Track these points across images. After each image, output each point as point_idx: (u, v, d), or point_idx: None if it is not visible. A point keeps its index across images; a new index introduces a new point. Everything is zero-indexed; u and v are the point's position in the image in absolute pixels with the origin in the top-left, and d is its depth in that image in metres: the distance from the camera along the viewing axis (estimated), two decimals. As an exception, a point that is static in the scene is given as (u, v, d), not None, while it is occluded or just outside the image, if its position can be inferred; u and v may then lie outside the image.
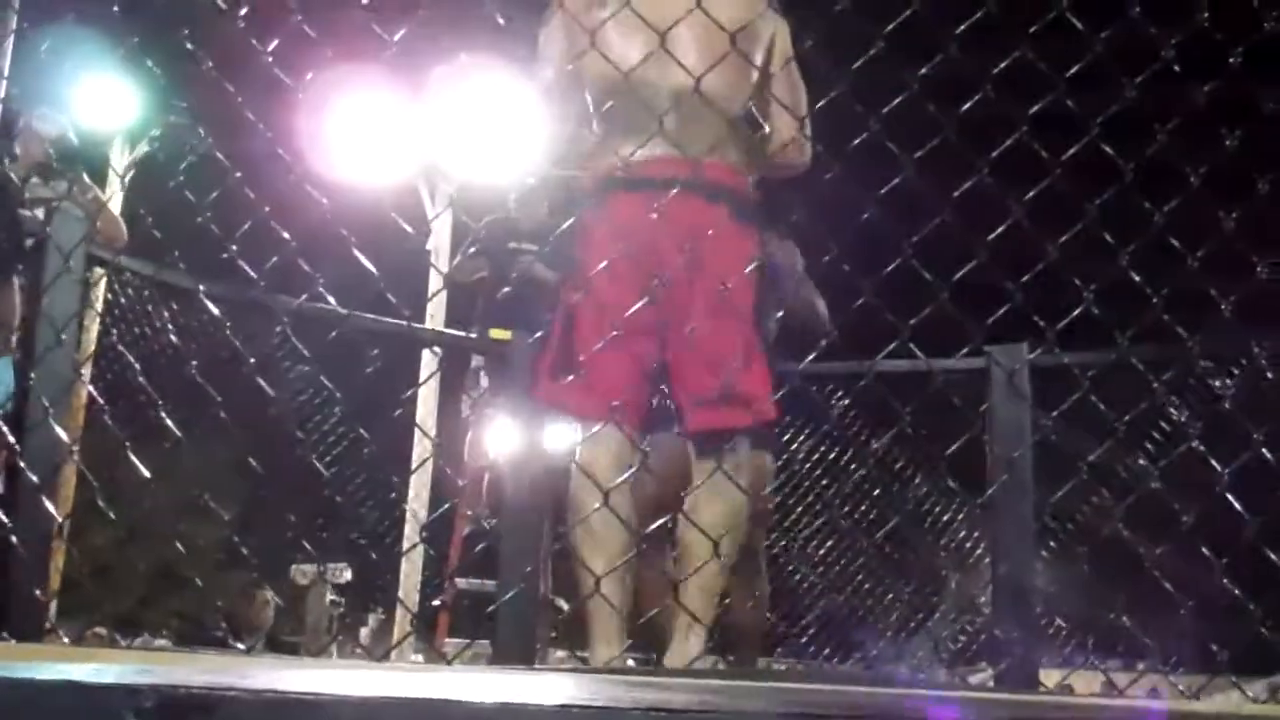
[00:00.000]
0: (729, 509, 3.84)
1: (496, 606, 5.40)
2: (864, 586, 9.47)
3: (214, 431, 4.22)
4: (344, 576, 10.00)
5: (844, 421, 7.98)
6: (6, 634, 3.61)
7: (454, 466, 8.23)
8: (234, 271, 3.51)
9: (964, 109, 3.12)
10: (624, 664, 3.87)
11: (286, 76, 3.38)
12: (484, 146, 10.19)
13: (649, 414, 4.02)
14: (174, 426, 3.88)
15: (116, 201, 9.61)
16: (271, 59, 3.30)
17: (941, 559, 9.75)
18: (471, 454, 8.14)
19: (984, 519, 7.39)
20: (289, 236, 3.32)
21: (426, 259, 11.60)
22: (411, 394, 9.92)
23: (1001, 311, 3.21)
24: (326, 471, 7.41)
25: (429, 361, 8.36)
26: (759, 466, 5.00)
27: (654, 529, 4.32)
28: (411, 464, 10.47)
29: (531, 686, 1.47)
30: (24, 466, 4.00)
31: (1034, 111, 3.10)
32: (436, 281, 10.89)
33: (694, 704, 1.30)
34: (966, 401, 4.98)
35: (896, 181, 3.11)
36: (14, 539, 3.95)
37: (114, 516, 5.19)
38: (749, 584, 5.54)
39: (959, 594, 9.96)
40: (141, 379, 5.25)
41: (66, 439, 4.33)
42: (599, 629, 3.77)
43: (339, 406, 7.95)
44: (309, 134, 8.59)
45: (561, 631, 7.14)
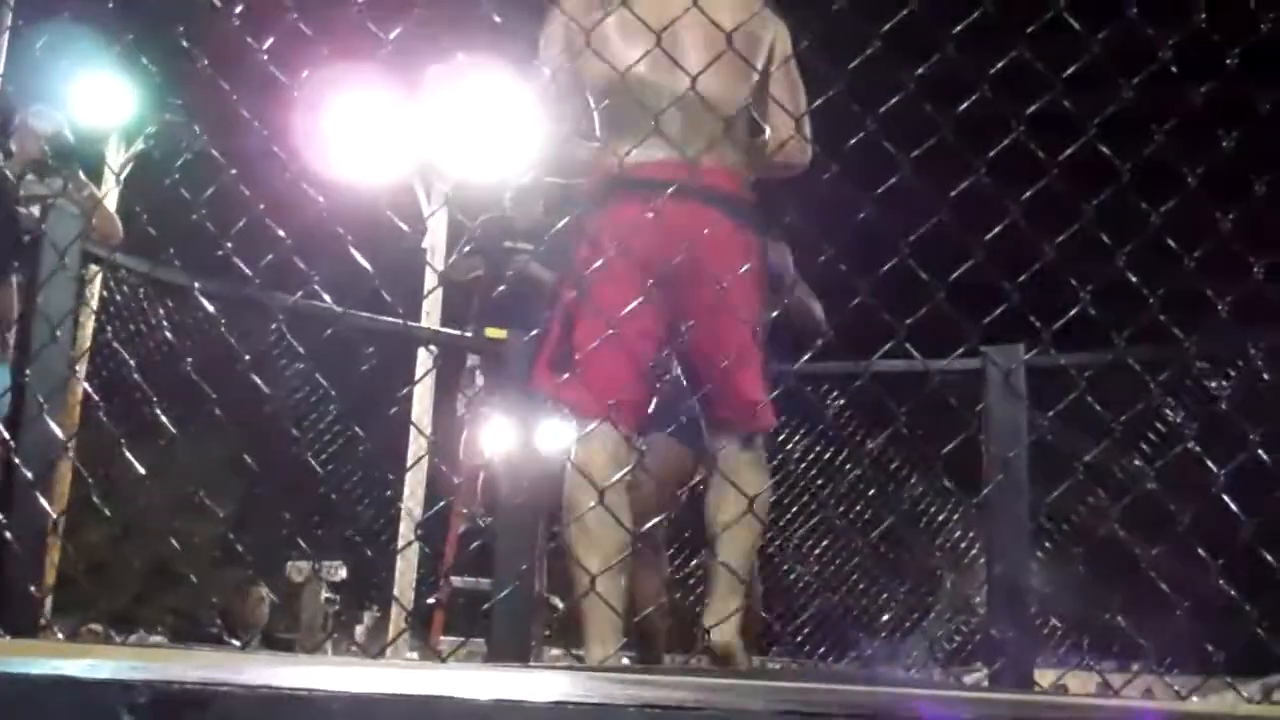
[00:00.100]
0: (758, 507, 3.89)
1: (491, 605, 5.41)
2: (859, 586, 9.47)
3: (209, 429, 4.22)
4: (339, 574, 10.00)
5: (840, 421, 7.98)
6: (1, 630, 3.61)
7: (449, 465, 8.23)
8: (229, 269, 3.51)
9: (961, 109, 3.12)
10: (619, 663, 3.86)
11: (282, 74, 3.37)
12: (480, 145, 10.20)
13: (646, 415, 4.02)
14: (169, 424, 3.88)
15: (112, 199, 9.60)
16: (267, 57, 3.30)
17: (937, 559, 9.75)
18: (467, 452, 8.15)
19: (979, 519, 7.38)
20: (284, 234, 3.32)
21: (422, 257, 11.60)
22: (407, 392, 9.91)
23: (998, 312, 3.21)
24: (322, 469, 7.40)
25: (424, 360, 8.36)
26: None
27: (649, 529, 4.32)
28: (407, 462, 10.47)
29: (526, 683, 1.47)
30: (19, 463, 4.00)
31: (1031, 112, 3.10)
32: (432, 280, 10.89)
33: (689, 701, 1.29)
34: (963, 402, 4.98)
35: (893, 181, 3.10)
36: (9, 535, 3.95)
37: (109, 513, 5.19)
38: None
39: (954, 594, 9.97)
40: (137, 376, 5.24)
41: (62, 435, 4.32)
42: (595, 628, 3.76)
43: (334, 404, 7.95)
44: (305, 132, 8.59)
45: (556, 630, 7.14)
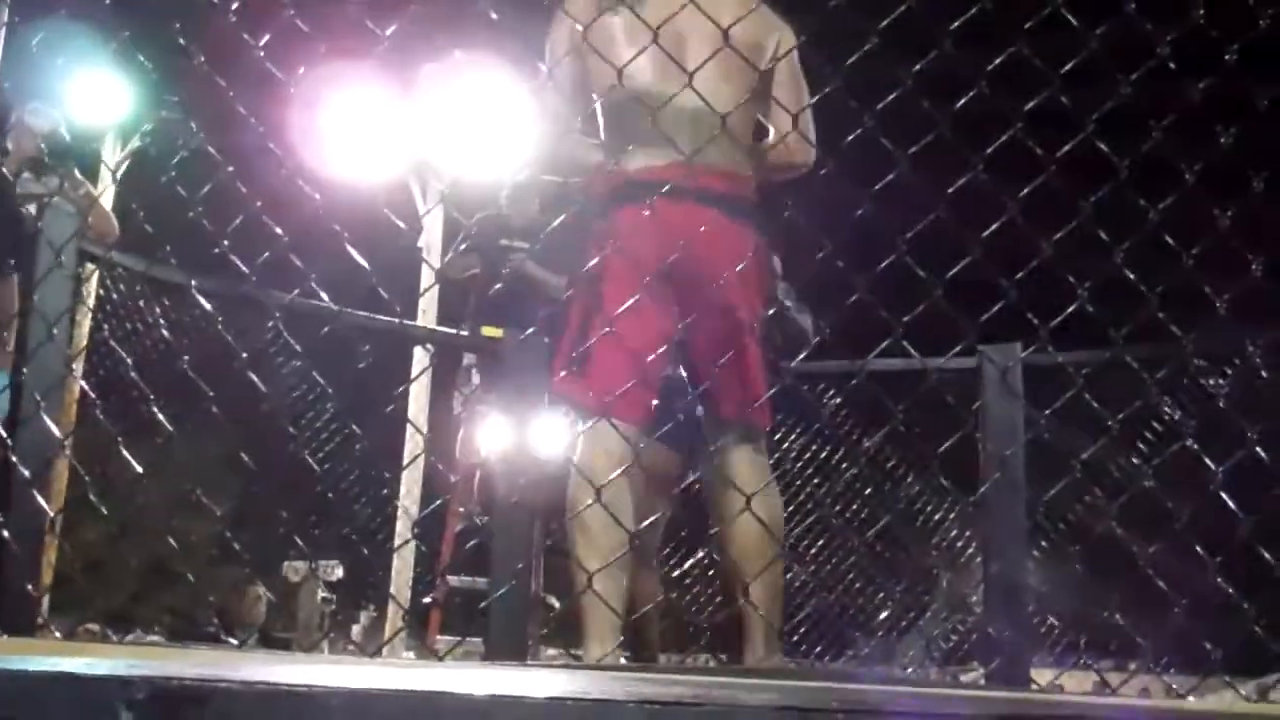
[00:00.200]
0: (772, 510, 3.94)
1: (488, 603, 5.40)
2: (856, 585, 9.47)
3: (206, 427, 4.22)
4: (336, 573, 9.98)
5: (836, 420, 7.98)
6: (-2, 629, 3.61)
7: (446, 464, 8.24)
8: (226, 267, 3.50)
9: (958, 105, 3.11)
10: (617, 661, 3.86)
11: (278, 72, 3.37)
12: (476, 143, 10.19)
13: (652, 419, 4.02)
14: (166, 422, 3.88)
15: (108, 197, 9.59)
16: (263, 54, 3.29)
17: (933, 558, 9.76)
18: (463, 451, 8.15)
19: (976, 518, 7.39)
20: (281, 232, 3.31)
21: (418, 255, 11.59)
22: (403, 391, 9.90)
23: (995, 310, 3.21)
24: (319, 468, 7.39)
25: (421, 358, 8.35)
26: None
27: (643, 530, 4.32)
28: (403, 461, 10.47)
29: (524, 680, 1.47)
30: (16, 461, 4.00)
31: (1029, 108, 3.10)
32: (428, 278, 10.89)
33: (687, 697, 1.29)
34: (959, 400, 4.98)
35: (890, 178, 3.10)
36: (6, 534, 3.94)
37: (106, 512, 5.19)
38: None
39: (951, 593, 9.97)
40: (133, 374, 5.24)
41: (58, 434, 4.32)
42: (593, 626, 3.76)
43: (331, 403, 7.95)
44: (301, 129, 8.59)
45: (553, 629, 7.14)
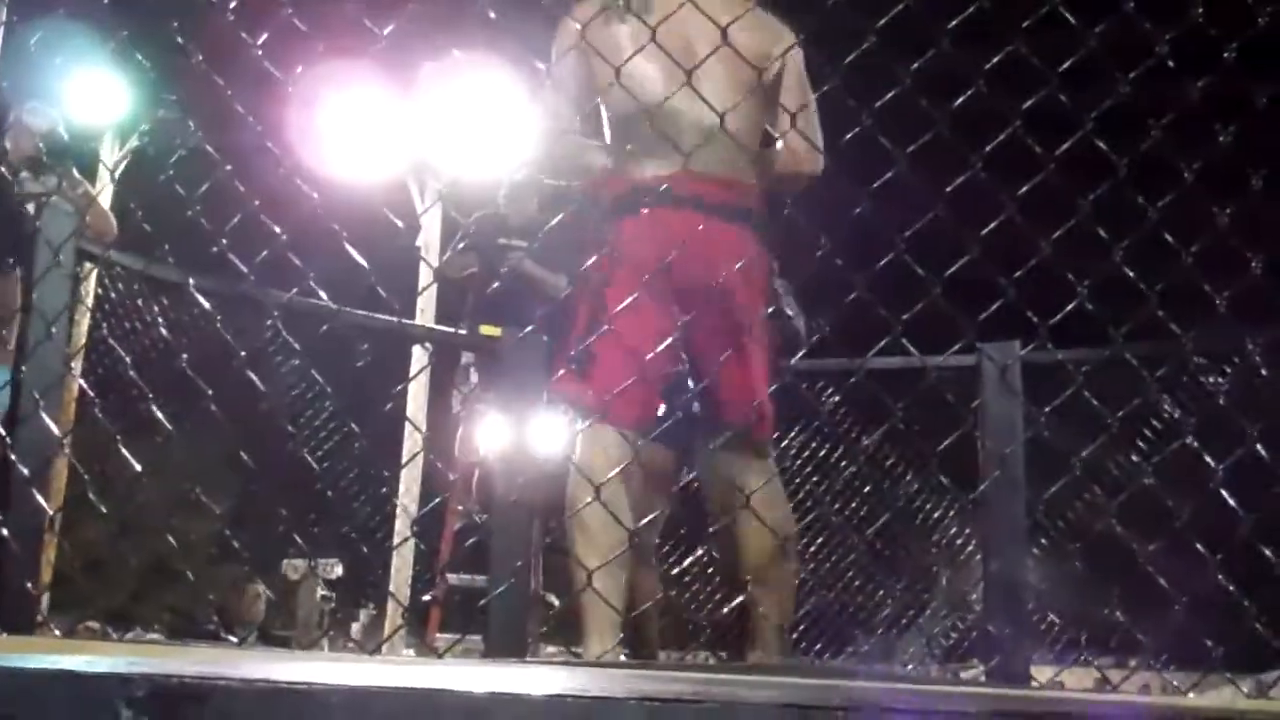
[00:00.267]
0: (781, 514, 3.98)
1: (487, 601, 5.40)
2: (855, 583, 9.46)
3: (205, 426, 4.21)
4: (335, 571, 9.98)
5: (835, 418, 7.98)
6: (-2, 628, 3.61)
7: (444, 462, 8.24)
8: (225, 266, 3.50)
9: (957, 104, 3.11)
10: (617, 658, 3.86)
11: (277, 71, 3.37)
12: (474, 142, 10.19)
13: (652, 421, 4.03)
14: (165, 421, 3.88)
15: (107, 196, 9.59)
16: (261, 53, 3.29)
17: (933, 556, 9.75)
18: (462, 449, 8.15)
19: (976, 516, 7.39)
20: (279, 231, 3.31)
21: (416, 254, 11.59)
22: (402, 389, 9.90)
23: (994, 308, 3.21)
24: (318, 466, 7.39)
25: (419, 357, 8.35)
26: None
27: (645, 526, 4.33)
28: (402, 459, 10.47)
29: (524, 677, 1.47)
30: (15, 460, 4.00)
31: (1027, 107, 3.10)
32: (426, 277, 10.89)
33: (687, 694, 1.29)
34: (959, 398, 4.98)
35: (889, 176, 3.10)
36: (5, 532, 3.94)
37: (105, 510, 5.18)
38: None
39: (950, 591, 9.96)
40: (132, 373, 5.24)
41: (58, 432, 4.32)
42: (593, 624, 3.76)
43: (330, 401, 7.95)
44: (299, 128, 8.58)
45: (553, 626, 7.13)
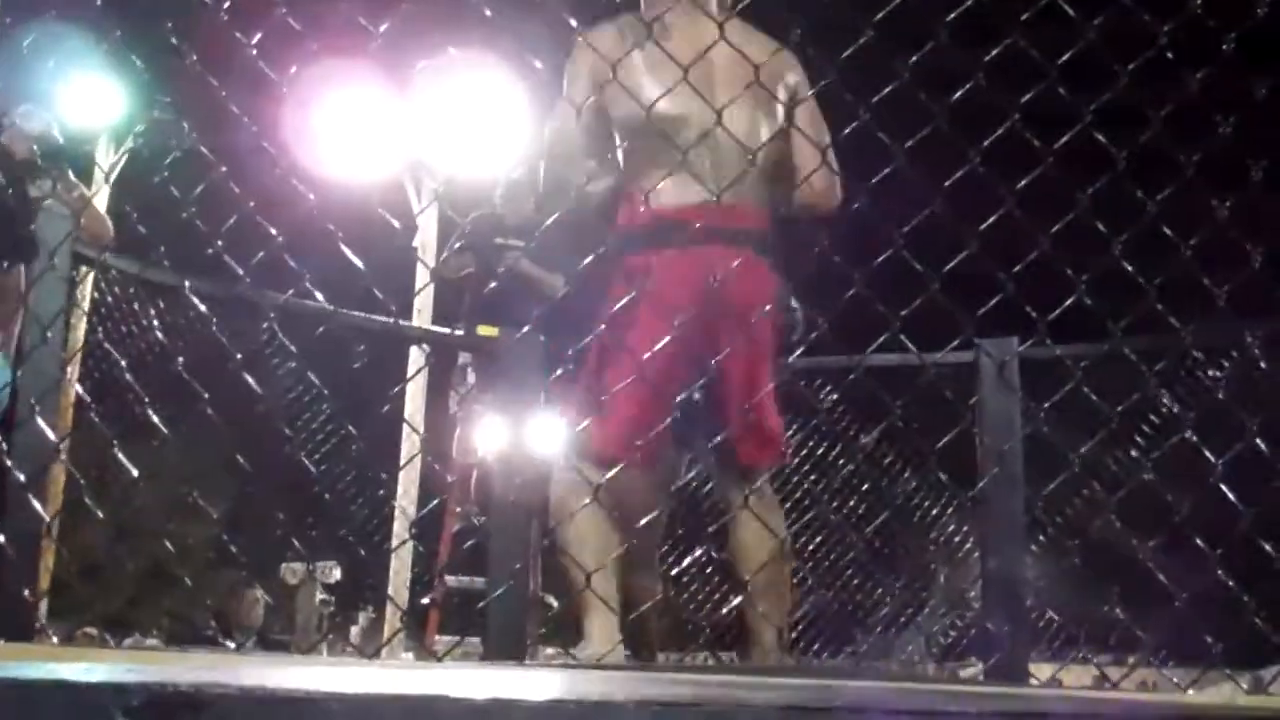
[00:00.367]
0: (775, 520, 4.01)
1: (486, 603, 5.40)
2: (853, 581, 9.45)
3: (202, 429, 4.20)
4: (334, 575, 9.96)
5: (833, 416, 7.97)
6: (-5, 635, 3.60)
7: (442, 463, 8.23)
8: (220, 268, 3.49)
9: (955, 98, 3.10)
10: (617, 659, 3.85)
11: (271, 71, 3.36)
12: (469, 141, 10.19)
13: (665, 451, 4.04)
14: (162, 425, 3.87)
15: (102, 199, 9.58)
16: (256, 53, 3.28)
17: (931, 553, 9.74)
18: (460, 450, 8.14)
19: (974, 513, 7.38)
20: (275, 232, 3.30)
21: (413, 255, 11.58)
22: (399, 391, 9.89)
23: (992, 304, 3.20)
24: (315, 469, 7.38)
25: (416, 358, 8.34)
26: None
27: (642, 528, 4.33)
28: (400, 461, 10.46)
29: (523, 681, 1.46)
30: (12, 466, 3.99)
31: (1025, 100, 3.09)
32: (423, 277, 10.89)
33: (687, 697, 1.28)
34: (957, 395, 4.97)
35: (887, 172, 3.09)
36: (2, 539, 3.93)
37: (103, 516, 5.17)
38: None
39: (949, 589, 9.95)
40: (129, 377, 5.22)
41: (54, 438, 4.30)
42: (593, 625, 3.76)
43: (327, 404, 7.94)
44: (294, 129, 8.57)
45: (552, 628, 7.13)
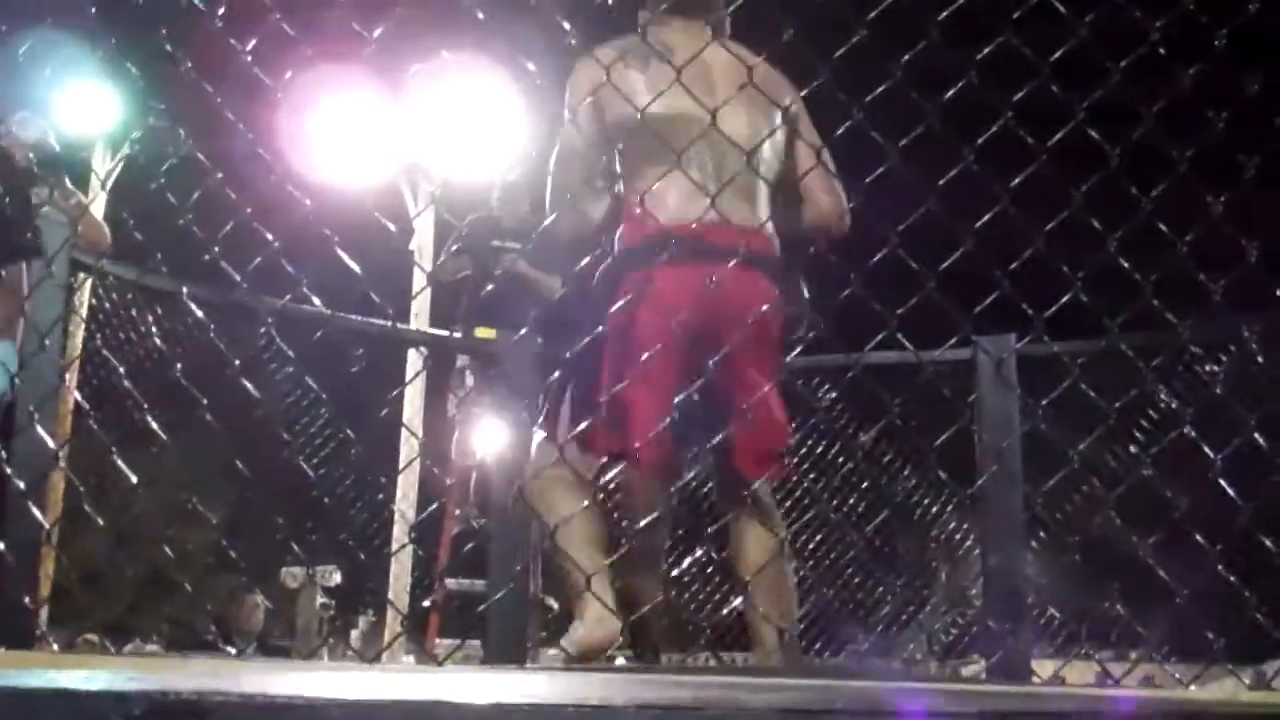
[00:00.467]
0: (774, 546, 4.01)
1: (487, 606, 5.41)
2: (854, 580, 9.45)
3: (201, 435, 4.20)
4: (334, 579, 9.97)
5: (831, 414, 7.97)
6: (-4, 642, 3.60)
7: (441, 466, 8.23)
8: (218, 274, 3.49)
9: (948, 96, 3.10)
10: (615, 653, 3.85)
11: (266, 77, 3.36)
12: (465, 144, 10.19)
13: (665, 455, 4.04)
14: (161, 431, 3.87)
15: (99, 206, 9.57)
16: (250, 59, 3.28)
17: (932, 551, 9.74)
18: (458, 453, 8.15)
19: (974, 510, 7.38)
20: (272, 238, 3.30)
21: (410, 258, 11.57)
22: (397, 394, 9.89)
23: (989, 301, 3.20)
24: (314, 474, 7.37)
25: (414, 361, 8.35)
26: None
27: (646, 526, 4.33)
28: (399, 464, 10.45)
29: (524, 685, 1.46)
30: (11, 473, 3.98)
31: (1018, 98, 3.09)
32: (420, 281, 10.88)
33: (688, 700, 1.28)
34: (955, 392, 4.98)
35: (881, 171, 3.09)
36: (2, 546, 3.93)
37: (103, 522, 5.17)
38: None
39: (950, 586, 9.95)
40: (127, 383, 5.22)
41: (53, 445, 4.30)
42: (588, 614, 3.75)
43: (325, 408, 7.94)
44: (290, 134, 8.57)
45: (552, 630, 7.13)
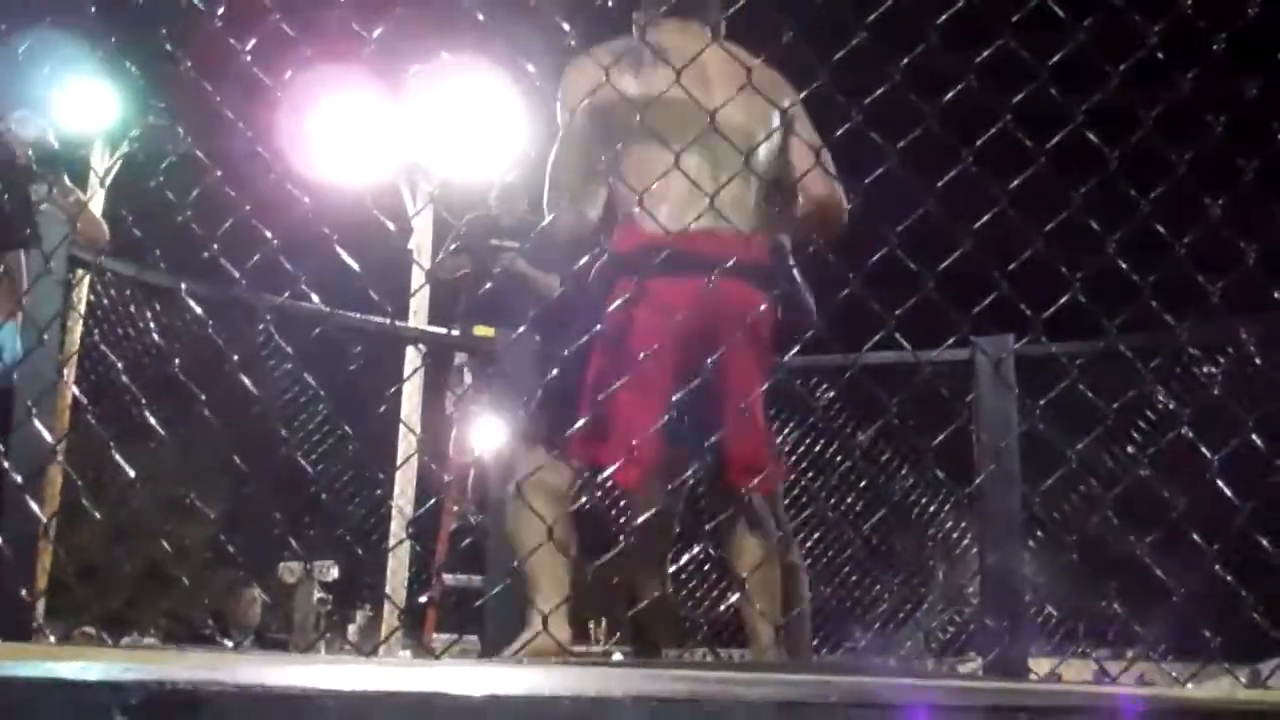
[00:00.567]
0: (768, 523, 4.14)
1: (484, 601, 5.41)
2: (851, 578, 9.45)
3: (199, 431, 4.21)
4: (331, 574, 9.97)
5: (830, 414, 7.97)
6: (-7, 635, 3.60)
7: (439, 463, 8.24)
8: (216, 271, 3.50)
9: (947, 98, 3.11)
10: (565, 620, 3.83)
11: (265, 75, 3.36)
12: (464, 144, 10.20)
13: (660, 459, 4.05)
14: (159, 426, 3.87)
15: (98, 203, 9.57)
16: (250, 58, 3.28)
17: (929, 550, 9.74)
18: (456, 450, 8.16)
19: (971, 509, 7.39)
20: (271, 235, 3.30)
21: (408, 257, 11.58)
22: (395, 391, 9.89)
23: (988, 302, 3.21)
24: (312, 469, 7.38)
25: (413, 359, 8.35)
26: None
27: (647, 525, 4.35)
28: (397, 461, 10.46)
29: (521, 678, 1.47)
30: (9, 467, 3.99)
31: (1017, 100, 3.09)
32: (419, 279, 10.89)
33: (684, 693, 1.29)
34: (953, 393, 4.98)
35: (880, 172, 3.10)
36: (0, 540, 3.94)
37: (100, 516, 5.18)
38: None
39: (947, 584, 9.95)
40: (125, 379, 5.23)
41: (51, 439, 4.31)
42: (536, 620, 3.73)
43: (323, 404, 7.94)
44: (289, 133, 8.58)
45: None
